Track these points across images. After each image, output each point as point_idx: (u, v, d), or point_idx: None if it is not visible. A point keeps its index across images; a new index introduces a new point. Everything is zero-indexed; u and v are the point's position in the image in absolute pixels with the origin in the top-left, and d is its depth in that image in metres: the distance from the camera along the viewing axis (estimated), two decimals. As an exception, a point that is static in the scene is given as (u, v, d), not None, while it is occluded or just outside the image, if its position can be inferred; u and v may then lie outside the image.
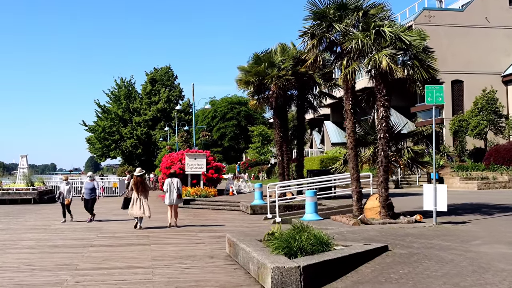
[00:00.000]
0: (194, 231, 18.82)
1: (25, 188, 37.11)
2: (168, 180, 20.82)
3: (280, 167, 27.92)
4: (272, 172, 59.99)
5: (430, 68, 17.63)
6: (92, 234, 18.38)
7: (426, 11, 43.42)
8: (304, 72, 26.62)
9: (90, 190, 23.17)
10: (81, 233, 18.84)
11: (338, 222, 17.83)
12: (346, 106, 18.72)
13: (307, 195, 19.25)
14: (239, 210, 27.72)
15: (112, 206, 32.95)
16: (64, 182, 23.74)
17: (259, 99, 28.11)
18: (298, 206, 25.36)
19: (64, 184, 23.65)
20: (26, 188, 37.10)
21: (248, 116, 72.87)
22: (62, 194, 23.27)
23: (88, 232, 18.88)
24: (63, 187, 23.50)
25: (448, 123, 42.09)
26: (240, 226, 20.76)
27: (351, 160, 18.45)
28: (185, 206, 30.52)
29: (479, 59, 43.39)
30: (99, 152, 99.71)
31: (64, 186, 23.53)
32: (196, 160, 34.81)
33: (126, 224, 21.46)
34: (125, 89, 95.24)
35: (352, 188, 18.62)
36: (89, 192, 23.10)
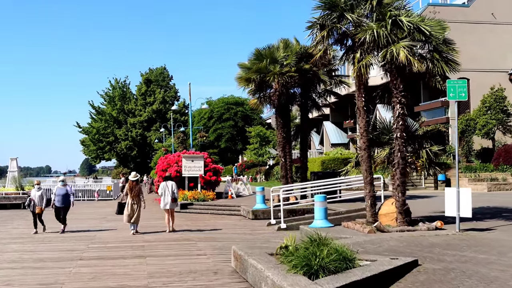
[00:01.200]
0: (194, 240, 17.31)
1: (14, 193, 35.52)
2: (163, 184, 20.16)
3: (283, 169, 26.41)
4: (271, 174, 58.46)
5: (451, 62, 16.16)
6: (82, 244, 16.84)
7: (430, 6, 41.94)
8: (308, 69, 25.14)
9: (63, 197, 20.38)
10: (70, 243, 17.29)
11: (351, 229, 16.33)
12: (358, 104, 17.23)
13: (316, 199, 17.73)
14: (240, 215, 26.24)
15: (106, 211, 31.45)
16: (36, 187, 21.09)
17: (260, 97, 26.59)
18: (302, 210, 23.93)
19: (35, 190, 20.92)
20: (15, 193, 35.51)
21: (245, 116, 71.36)
22: (32, 201, 20.47)
23: (78, 242, 17.33)
24: (34, 193, 20.74)
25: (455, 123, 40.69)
26: (243, 234, 19.28)
27: (364, 161, 16.95)
28: (182, 210, 29.03)
29: (485, 56, 41.91)
30: (94, 154, 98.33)
31: (35, 192, 20.74)
32: (194, 162, 33.30)
33: (120, 232, 19.97)
34: (120, 90, 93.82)
35: (365, 192, 17.11)
36: (61, 199, 20.34)
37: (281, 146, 26.27)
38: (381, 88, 18.44)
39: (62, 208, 20.46)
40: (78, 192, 47.51)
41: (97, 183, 59.09)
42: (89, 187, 49.88)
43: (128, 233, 19.41)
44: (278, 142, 26.66)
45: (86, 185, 52.73)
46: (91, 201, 45.28)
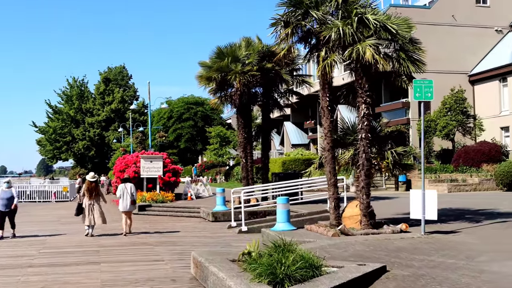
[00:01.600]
0: (151, 244, 16.64)
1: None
2: (122, 186, 19.55)
3: (244, 170, 25.87)
4: (231, 175, 57.88)
5: (418, 61, 15.87)
6: (34, 249, 16.00)
7: (392, 7, 41.88)
8: (270, 68, 24.68)
9: (7, 200, 18.69)
10: (21, 248, 16.42)
11: (314, 232, 15.86)
12: (322, 103, 16.78)
13: (278, 202, 17.21)
14: (200, 217, 25.62)
15: (61, 213, 30.50)
16: None
17: (221, 97, 26.02)
18: (263, 212, 23.47)
19: None
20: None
21: (205, 116, 70.57)
22: None
23: (29, 247, 16.47)
24: None
25: (415, 124, 40.68)
26: (203, 237, 18.69)
27: (328, 163, 16.51)
28: (140, 212, 28.26)
29: (446, 58, 41.99)
30: (50, 154, 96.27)
31: None
32: (152, 163, 32.48)
33: (74, 236, 19.17)
34: (78, 89, 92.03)
35: (329, 194, 16.68)
36: (5, 203, 18.63)
37: (242, 147, 25.73)
38: (345, 87, 18.08)
39: (8, 212, 18.83)
40: (33, 193, 46.44)
41: (54, 184, 57.68)
42: (45, 188, 48.62)
43: (83, 237, 18.68)
44: (239, 143, 26.12)
45: (42, 186, 51.37)
46: (47, 202, 44.08)
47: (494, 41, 45.24)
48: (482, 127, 39.75)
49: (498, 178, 33.24)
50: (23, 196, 44.46)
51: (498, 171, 33.32)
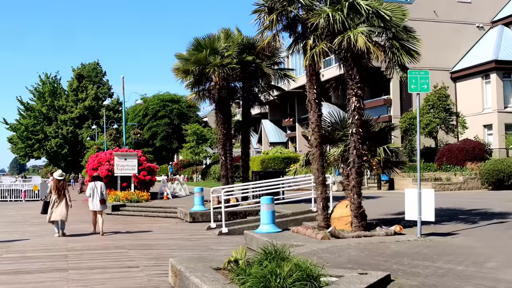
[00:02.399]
0: (125, 248, 15.36)
1: None
2: (91, 184, 19.11)
3: (223, 168, 24.63)
4: (208, 174, 56.66)
5: (412, 51, 14.80)
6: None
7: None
8: (251, 61, 23.53)
9: None
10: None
11: (301, 235, 14.70)
12: (309, 96, 15.64)
13: (262, 202, 15.97)
14: (177, 217, 24.37)
15: (30, 213, 29.01)
16: None
17: (199, 91, 24.76)
18: (244, 213, 22.34)
19: None
20: None
21: (181, 114, 69.05)
22: None
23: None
24: None
25: (398, 121, 39.77)
26: (180, 239, 17.45)
27: (315, 160, 15.37)
28: (114, 212, 26.93)
29: (427, 54, 40.67)
30: (22, 152, 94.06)
31: None
32: (127, 161, 31.14)
33: (42, 238, 17.84)
34: (50, 86, 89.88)
35: (317, 193, 15.54)
36: None
37: (222, 144, 24.49)
38: (334, 79, 16.89)
39: None
40: (4, 192, 45.05)
41: (26, 182, 55.89)
42: (17, 186, 47.14)
43: (52, 239, 17.39)
44: (218, 139, 24.88)
45: (13, 184, 49.85)
46: (18, 201, 42.49)
47: (475, 37, 44.57)
48: (466, 125, 38.95)
49: (484, 177, 32.47)
50: None
51: (483, 170, 32.55)
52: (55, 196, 18.21)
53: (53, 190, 18.35)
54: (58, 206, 18.11)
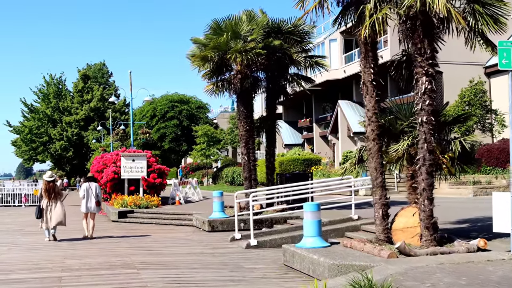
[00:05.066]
0: (135, 266, 12.30)
1: None
2: (85, 185, 18.23)
3: (246, 170, 21.49)
4: (219, 177, 53.60)
5: (498, 18, 11.68)
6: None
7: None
8: (278, 46, 20.47)
9: None
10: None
11: (359, 251, 11.59)
12: (364, 77, 12.59)
13: (306, 209, 12.76)
14: (192, 226, 21.35)
15: (27, 220, 26.05)
16: None
17: (217, 82, 21.72)
18: (270, 220, 19.35)
19: None
20: None
21: (190, 115, 65.90)
22: None
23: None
24: None
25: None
26: (201, 254, 14.39)
27: (373, 157, 12.29)
28: (121, 220, 23.92)
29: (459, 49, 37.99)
30: (27, 155, 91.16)
31: None
32: (135, 162, 28.12)
33: (34, 253, 14.87)
34: (55, 87, 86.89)
35: (374, 198, 12.41)
36: None
37: (244, 142, 21.37)
38: (397, 56, 13.73)
39: None
40: (6, 196, 42.83)
41: (30, 186, 53.11)
42: (20, 191, 44.82)
43: (45, 254, 14.43)
44: (240, 137, 21.74)
45: (18, 188, 47.49)
46: (19, 207, 39.85)
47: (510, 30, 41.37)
48: (505, 123, 35.72)
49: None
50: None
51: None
52: (46, 200, 17.36)
53: (44, 193, 17.48)
54: (52, 210, 17.22)
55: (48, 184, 17.57)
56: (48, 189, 17.49)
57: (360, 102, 43.97)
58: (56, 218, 17.24)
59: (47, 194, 17.48)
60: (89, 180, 18.64)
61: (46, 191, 17.53)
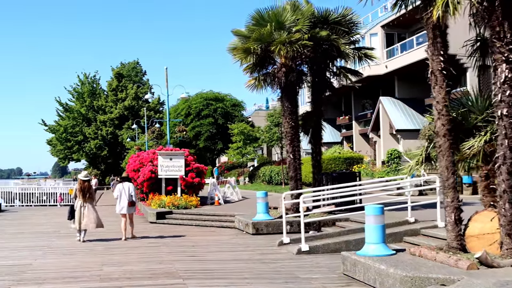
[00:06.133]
0: (180, 275, 11.18)
1: None
2: (119, 186, 17.83)
3: (291, 169, 20.27)
4: (256, 176, 52.45)
5: None
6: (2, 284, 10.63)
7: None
8: (324, 37, 19.27)
9: None
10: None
11: (430, 260, 10.30)
12: (433, 65, 11.20)
13: (369, 212, 11.46)
14: (234, 228, 20.26)
15: (62, 221, 25.17)
16: None
17: (259, 76, 20.57)
18: (318, 223, 18.12)
19: None
20: None
21: (225, 113, 64.77)
22: None
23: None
24: None
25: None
26: (249, 260, 13.23)
27: (443, 154, 10.96)
28: (159, 221, 22.92)
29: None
30: (62, 154, 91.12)
31: None
32: (172, 161, 27.11)
33: (69, 258, 13.88)
34: (89, 86, 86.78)
35: (446, 201, 11.08)
36: None
37: (289, 139, 20.17)
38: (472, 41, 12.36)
39: None
40: (42, 195, 42.55)
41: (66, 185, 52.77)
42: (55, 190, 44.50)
43: (82, 260, 13.42)
44: (285, 133, 20.55)
45: (53, 188, 47.22)
46: (54, 206, 39.38)
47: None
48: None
49: None
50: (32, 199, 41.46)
51: None
52: (80, 201, 17.04)
53: (78, 193, 17.16)
54: (85, 212, 16.93)
55: (83, 184, 17.29)
56: (82, 188, 17.21)
57: (403, 98, 42.57)
58: (91, 223, 16.98)
59: (81, 193, 17.18)
60: (124, 180, 18.29)
61: (80, 190, 17.24)
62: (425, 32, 11.65)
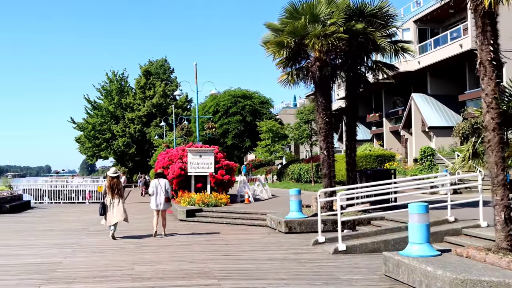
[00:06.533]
0: (214, 275, 10.72)
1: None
2: (155, 181, 17.88)
3: (325, 166, 19.69)
4: (284, 174, 51.91)
5: None
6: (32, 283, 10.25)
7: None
8: (360, 30, 18.62)
9: None
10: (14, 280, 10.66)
11: (479, 262, 9.71)
12: (482, 56, 10.57)
13: (413, 211, 10.82)
14: (266, 226, 19.77)
15: (91, 218, 24.96)
16: None
17: (292, 71, 20.04)
18: (352, 222, 17.55)
19: None
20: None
21: (254, 111, 64.18)
22: None
23: (28, 276, 10.78)
24: None
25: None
26: (285, 260, 12.71)
27: (493, 150, 10.35)
28: (189, 219, 22.52)
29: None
30: (90, 152, 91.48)
31: None
32: (202, 158, 26.69)
33: (99, 256, 13.48)
34: (117, 83, 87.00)
35: (495, 199, 10.46)
36: None
37: (324, 135, 19.58)
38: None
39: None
40: (70, 193, 42.81)
41: (94, 183, 52.90)
42: (83, 187, 44.66)
43: (112, 258, 13.04)
44: (319, 129, 19.95)
45: (81, 185, 47.48)
46: (82, 204, 39.37)
47: None
48: None
49: None
50: (60, 196, 41.61)
51: None
52: (109, 197, 17.09)
53: (107, 190, 17.17)
54: (114, 208, 16.97)
55: (112, 180, 17.26)
56: (111, 185, 17.19)
57: (435, 95, 41.69)
58: (117, 216, 16.93)
59: (110, 190, 17.16)
60: (159, 176, 18.10)
61: (109, 187, 17.22)
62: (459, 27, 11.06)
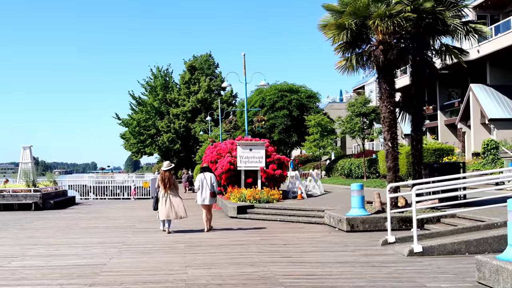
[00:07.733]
0: (280, 283, 9.30)
1: (24, 190, 27.88)
2: (201, 176, 17.47)
3: (390, 159, 18.05)
4: (333, 169, 50.26)
5: None
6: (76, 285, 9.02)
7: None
8: (429, 10, 16.94)
9: None
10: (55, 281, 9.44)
11: None
12: None
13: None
14: (323, 224, 18.30)
15: (137, 214, 23.90)
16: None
17: (351, 56, 18.49)
18: (421, 220, 15.93)
19: None
20: (26, 190, 27.85)
21: (300, 105, 62.39)
22: None
23: (69, 280, 9.55)
24: None
25: None
26: (356, 263, 11.19)
27: None
28: (240, 216, 21.19)
29: None
30: (135, 148, 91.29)
31: None
32: (252, 152, 25.32)
33: (147, 256, 12.22)
34: (162, 79, 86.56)
35: None
36: None
37: (388, 125, 17.95)
38: None
39: None
40: (116, 188, 42.62)
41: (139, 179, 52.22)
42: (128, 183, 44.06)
43: (162, 259, 11.76)
44: (383, 119, 18.28)
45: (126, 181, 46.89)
46: (127, 200, 38.67)
47: None
48: None
49: None
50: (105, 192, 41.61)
51: None
52: (162, 191, 16.83)
53: (160, 183, 16.91)
54: (167, 202, 16.68)
55: (164, 174, 16.95)
56: (163, 178, 16.88)
57: (496, 85, 39.43)
58: (167, 213, 16.65)
59: (163, 183, 16.86)
60: (204, 170, 17.77)
61: (162, 180, 16.91)
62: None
